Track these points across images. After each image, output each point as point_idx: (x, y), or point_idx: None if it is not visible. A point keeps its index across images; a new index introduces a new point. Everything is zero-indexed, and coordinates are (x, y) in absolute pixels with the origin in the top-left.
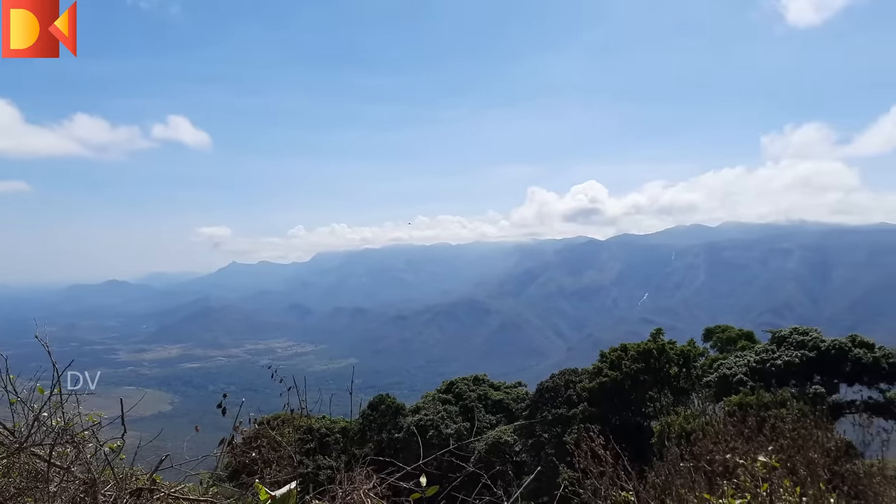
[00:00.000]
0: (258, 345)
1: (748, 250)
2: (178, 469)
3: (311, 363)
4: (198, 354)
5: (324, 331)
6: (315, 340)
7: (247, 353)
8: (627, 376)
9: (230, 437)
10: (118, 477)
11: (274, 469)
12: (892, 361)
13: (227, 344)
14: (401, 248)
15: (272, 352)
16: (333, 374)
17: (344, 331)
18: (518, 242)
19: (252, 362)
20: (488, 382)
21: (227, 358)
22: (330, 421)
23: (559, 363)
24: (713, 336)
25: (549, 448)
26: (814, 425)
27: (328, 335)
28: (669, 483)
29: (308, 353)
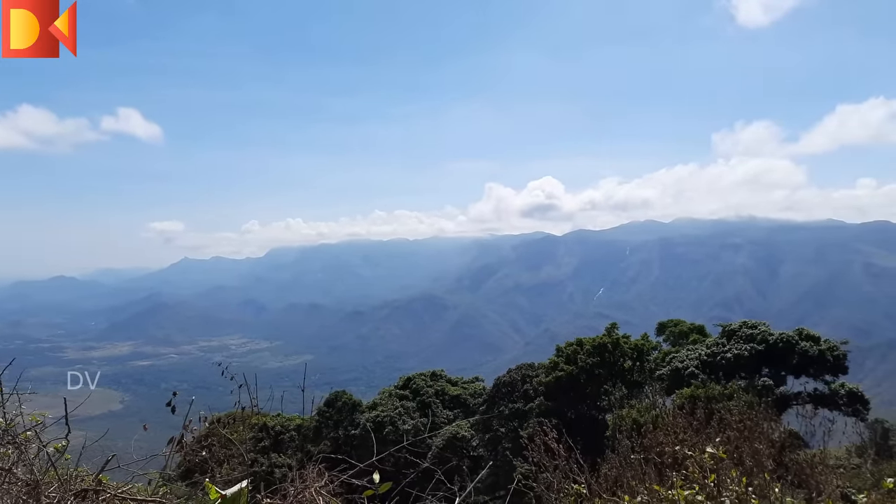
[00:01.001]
0: (211, 342)
1: (700, 245)
2: (126, 469)
3: (266, 360)
4: (149, 352)
5: (279, 327)
6: (270, 337)
7: (200, 350)
8: (583, 370)
9: (180, 436)
10: (62, 478)
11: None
12: (837, 354)
13: (179, 341)
14: (357, 243)
15: (226, 349)
16: (289, 371)
17: (299, 327)
18: (476, 238)
19: (205, 359)
20: (446, 378)
21: (180, 355)
22: (285, 418)
23: (516, 358)
24: (666, 330)
25: (505, 442)
26: (760, 417)
27: (283, 331)
28: (621, 475)
29: (263, 349)
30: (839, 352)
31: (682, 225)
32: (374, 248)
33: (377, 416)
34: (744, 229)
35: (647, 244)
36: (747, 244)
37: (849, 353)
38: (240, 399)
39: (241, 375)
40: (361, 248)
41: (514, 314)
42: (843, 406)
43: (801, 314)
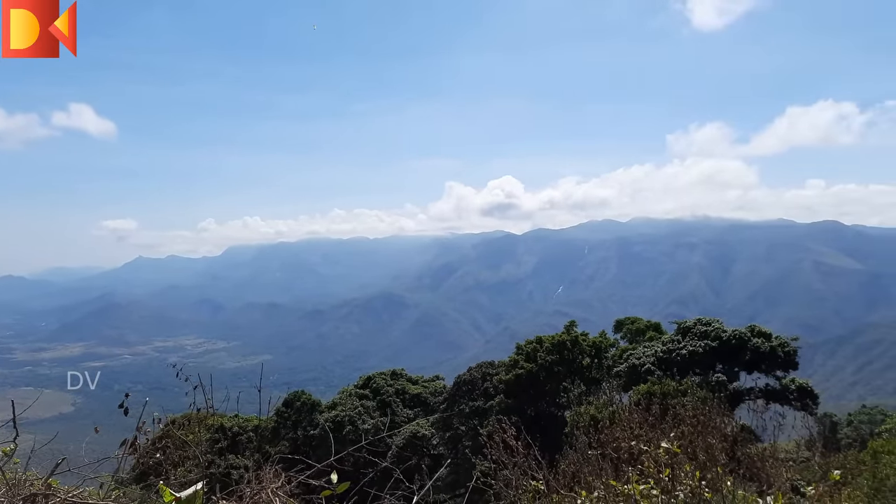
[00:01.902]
0: (167, 342)
1: (656, 244)
2: (77, 473)
3: (223, 360)
4: (102, 353)
5: (236, 327)
6: (227, 337)
7: (155, 350)
8: (542, 368)
9: (133, 438)
10: (10, 482)
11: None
12: (788, 350)
13: (133, 341)
14: (317, 241)
15: (182, 349)
16: (247, 371)
17: (257, 327)
18: (436, 236)
19: (160, 360)
20: (406, 376)
21: (134, 356)
22: (242, 419)
23: (477, 356)
24: (623, 327)
25: (466, 440)
26: (713, 412)
27: (241, 331)
28: (578, 471)
29: (219, 350)
30: (790, 348)
31: (638, 224)
32: (333, 246)
33: (336, 415)
34: (698, 228)
35: (605, 243)
36: (702, 243)
37: (799, 349)
38: (195, 400)
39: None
40: (321, 247)
41: (475, 312)
42: (793, 401)
43: (753, 311)
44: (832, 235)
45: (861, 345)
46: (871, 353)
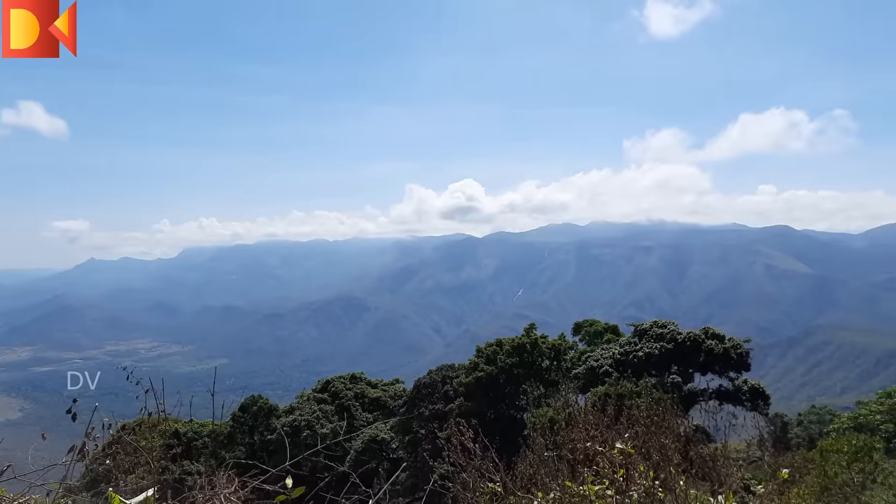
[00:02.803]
0: (119, 346)
1: (614, 248)
2: (24, 480)
3: (178, 364)
4: (52, 357)
5: (191, 330)
6: (182, 340)
7: (107, 354)
8: (502, 370)
9: (81, 444)
10: None
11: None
12: (740, 352)
13: (85, 345)
14: (275, 243)
15: (135, 353)
16: (202, 375)
17: (213, 330)
18: (397, 239)
19: (112, 364)
20: (365, 380)
21: (85, 360)
22: (197, 424)
23: (437, 359)
24: (582, 330)
25: (425, 444)
26: (666, 413)
27: (196, 335)
28: (535, 473)
29: (174, 353)
30: (742, 349)
31: (597, 228)
32: (292, 248)
33: (294, 420)
34: (654, 232)
35: (564, 246)
36: (658, 247)
37: (751, 350)
38: (146, 405)
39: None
40: (279, 249)
41: (435, 315)
42: (745, 401)
43: (707, 313)
44: (783, 240)
45: (810, 346)
46: (820, 354)
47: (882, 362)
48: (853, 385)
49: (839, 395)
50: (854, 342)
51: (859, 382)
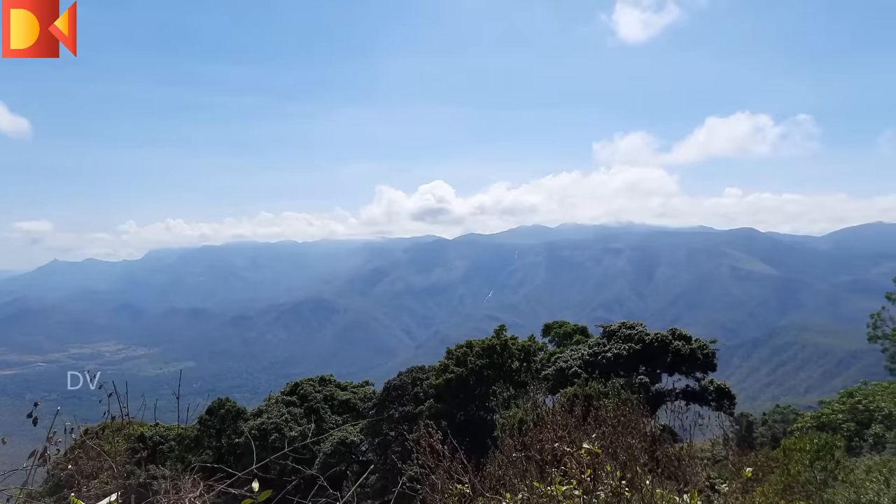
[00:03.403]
0: (84, 348)
1: (583, 250)
2: None
3: (144, 367)
4: (13, 360)
5: (158, 332)
6: (148, 343)
7: (71, 357)
8: (472, 372)
9: (42, 449)
10: None
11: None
12: (707, 352)
13: (48, 348)
14: (243, 244)
15: (100, 356)
16: (169, 378)
17: (180, 332)
18: (367, 240)
19: (76, 368)
20: (335, 382)
21: (48, 363)
22: (164, 428)
23: (407, 361)
24: (551, 331)
25: (395, 446)
26: (633, 413)
27: (163, 337)
28: (504, 474)
29: (140, 356)
30: (708, 350)
31: (566, 230)
32: (260, 249)
33: (262, 423)
34: (623, 234)
35: (534, 248)
36: (626, 249)
37: (717, 351)
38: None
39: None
40: (247, 250)
41: (406, 317)
42: (712, 401)
43: (674, 315)
44: (748, 242)
45: (775, 347)
46: (784, 354)
47: (844, 363)
48: (816, 385)
49: (803, 394)
50: (817, 343)
51: (822, 382)
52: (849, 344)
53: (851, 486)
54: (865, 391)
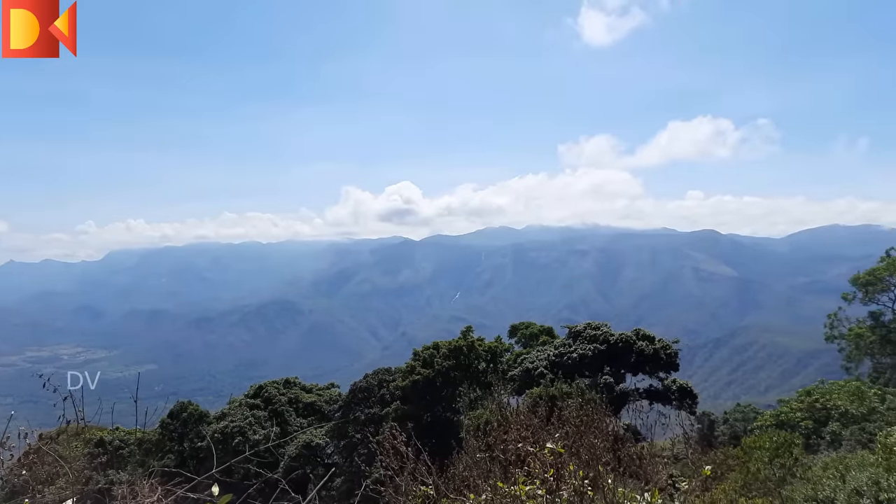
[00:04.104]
0: (41, 351)
1: (550, 251)
2: None
3: (104, 370)
4: None
5: (118, 335)
6: (108, 345)
7: (27, 360)
8: (439, 373)
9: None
10: None
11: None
12: (670, 352)
13: (3, 351)
14: (206, 245)
15: (58, 359)
16: (130, 381)
17: (141, 334)
18: (332, 241)
19: (33, 371)
20: (300, 385)
21: (4, 367)
22: (124, 432)
23: (374, 362)
24: (518, 332)
25: (361, 448)
26: (596, 412)
27: (123, 339)
28: (468, 475)
29: (100, 359)
30: (671, 350)
31: (533, 231)
32: (223, 250)
33: (226, 426)
34: (589, 236)
35: (500, 249)
36: (592, 250)
37: (680, 351)
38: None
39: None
40: (210, 251)
41: (372, 319)
42: (674, 400)
43: (638, 316)
44: (709, 244)
45: (735, 347)
46: (745, 354)
47: (802, 362)
48: (775, 384)
49: (763, 393)
50: (776, 343)
51: (781, 381)
52: (807, 344)
53: (809, 483)
54: (823, 390)
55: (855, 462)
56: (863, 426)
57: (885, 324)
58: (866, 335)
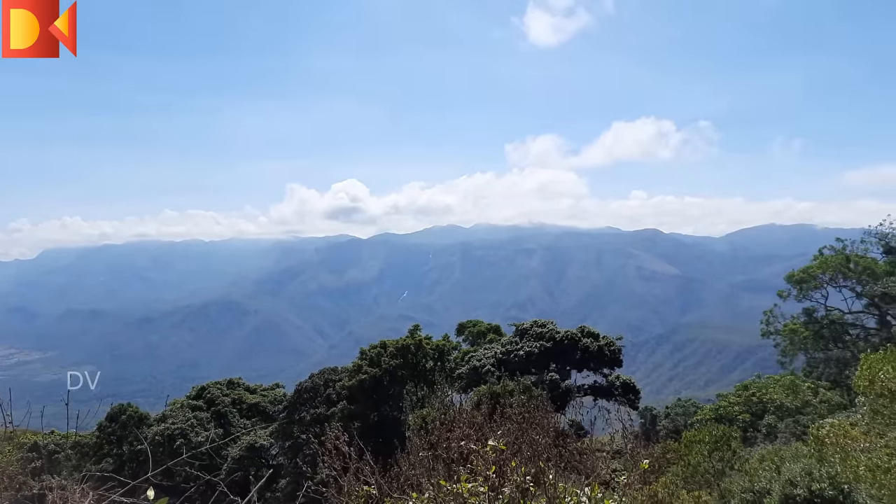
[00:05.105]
0: None
1: (497, 250)
2: None
3: (38, 373)
4: None
5: (53, 336)
6: (43, 347)
7: None
8: (386, 372)
9: None
10: None
11: None
12: (613, 349)
13: None
14: (146, 243)
15: None
16: (66, 384)
17: (78, 335)
18: (277, 240)
19: None
20: (244, 385)
21: None
22: (59, 436)
23: (320, 362)
24: (465, 330)
25: (306, 449)
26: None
27: (59, 341)
28: (411, 473)
29: (34, 361)
30: (615, 347)
31: (481, 230)
32: (164, 249)
33: (167, 429)
34: (535, 235)
35: (448, 248)
36: (539, 249)
37: (623, 347)
38: None
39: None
40: (150, 250)
41: (318, 318)
42: (618, 396)
43: (584, 313)
44: (652, 243)
45: (677, 343)
46: (686, 350)
47: (740, 357)
48: (715, 378)
49: (703, 388)
50: (715, 339)
51: (720, 376)
52: (745, 340)
53: (746, 475)
54: (759, 384)
55: (789, 454)
56: (797, 419)
57: (818, 320)
58: (800, 331)
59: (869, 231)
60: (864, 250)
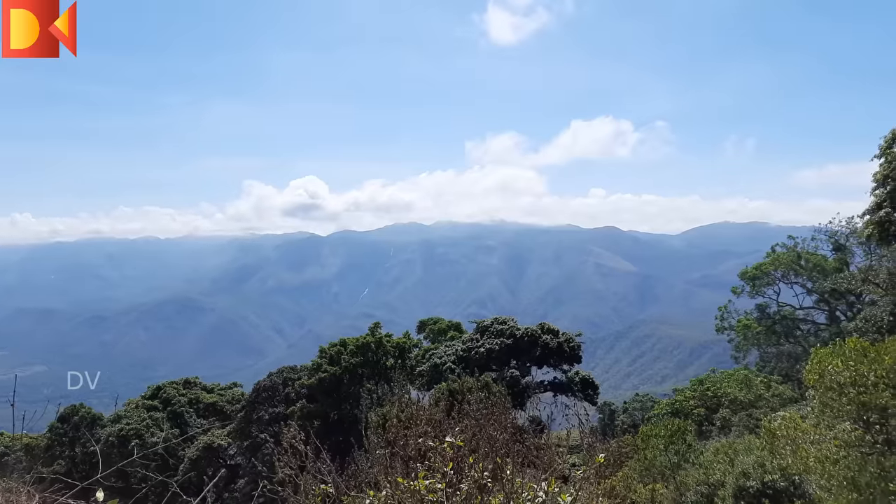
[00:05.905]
0: None
1: (458, 247)
2: None
3: None
4: None
5: (2, 335)
6: None
7: None
8: (346, 370)
9: None
10: None
11: None
12: (573, 345)
13: None
14: (100, 241)
15: None
16: (19, 383)
17: (28, 335)
18: (234, 237)
19: None
20: (200, 385)
21: None
22: (9, 438)
23: (279, 360)
24: (426, 328)
25: (265, 448)
26: (496, 405)
27: (8, 340)
28: (369, 471)
29: None
30: (574, 343)
31: (442, 227)
32: (119, 246)
33: (121, 429)
34: (496, 232)
35: (409, 245)
36: (499, 246)
37: (583, 343)
38: None
39: None
40: (104, 247)
41: (277, 316)
42: (577, 392)
43: (544, 310)
44: (611, 240)
45: (635, 339)
46: (643, 346)
47: (695, 353)
48: (671, 374)
49: (660, 383)
50: (672, 335)
51: (676, 371)
52: (700, 335)
53: (701, 468)
54: (714, 378)
55: (743, 447)
56: (750, 412)
57: (770, 315)
58: (753, 326)
59: (819, 229)
60: (814, 248)
